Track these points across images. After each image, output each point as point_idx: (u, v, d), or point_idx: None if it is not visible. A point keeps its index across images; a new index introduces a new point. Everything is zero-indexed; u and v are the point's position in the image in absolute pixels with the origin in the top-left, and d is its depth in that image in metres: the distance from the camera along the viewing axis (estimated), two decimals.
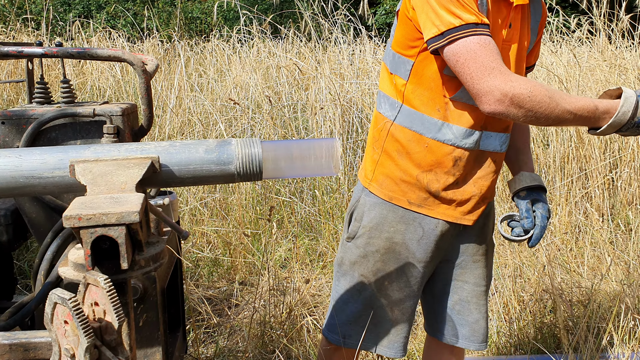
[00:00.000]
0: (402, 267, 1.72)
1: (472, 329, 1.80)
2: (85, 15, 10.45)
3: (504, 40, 1.58)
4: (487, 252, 1.81)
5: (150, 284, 1.38)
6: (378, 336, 1.77)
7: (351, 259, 1.76)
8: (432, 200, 1.68)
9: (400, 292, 1.74)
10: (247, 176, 1.15)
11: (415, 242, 1.70)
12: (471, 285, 1.78)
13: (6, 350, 0.94)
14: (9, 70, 5.64)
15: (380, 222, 1.71)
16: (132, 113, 1.60)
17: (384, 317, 1.76)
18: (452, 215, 1.70)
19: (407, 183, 1.68)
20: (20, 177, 1.05)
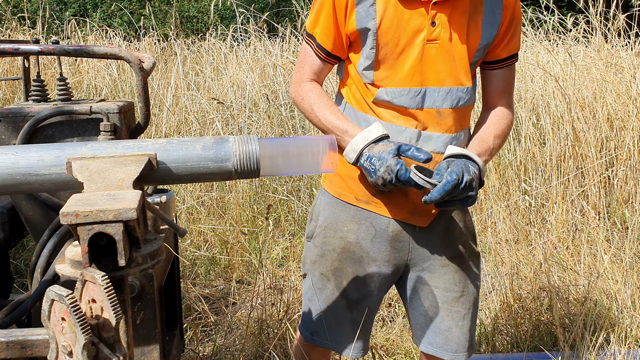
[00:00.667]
0: (358, 266, 1.72)
1: (445, 337, 1.74)
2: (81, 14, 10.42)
3: (428, 39, 1.56)
4: (457, 256, 1.74)
5: (148, 282, 1.38)
6: (340, 336, 1.78)
7: (312, 258, 1.79)
8: (378, 197, 1.68)
9: (357, 292, 1.74)
10: (244, 173, 1.15)
11: (369, 241, 1.70)
12: (441, 291, 1.72)
13: (3, 347, 0.94)
14: (5, 68, 5.62)
15: (333, 221, 1.73)
16: (129, 111, 1.60)
17: (344, 317, 1.77)
18: (400, 214, 1.68)
19: (354, 179, 1.69)
20: (17, 175, 1.04)
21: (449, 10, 1.56)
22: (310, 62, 1.70)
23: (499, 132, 1.68)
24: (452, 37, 1.57)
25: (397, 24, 1.55)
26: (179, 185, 4.06)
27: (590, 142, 4.40)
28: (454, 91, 1.60)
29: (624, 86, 4.91)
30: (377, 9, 1.55)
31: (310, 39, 1.68)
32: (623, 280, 2.92)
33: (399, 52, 1.57)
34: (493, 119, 1.70)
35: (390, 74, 1.59)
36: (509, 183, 4.32)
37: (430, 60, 1.57)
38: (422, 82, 1.58)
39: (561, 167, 4.39)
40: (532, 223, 4.03)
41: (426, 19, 1.55)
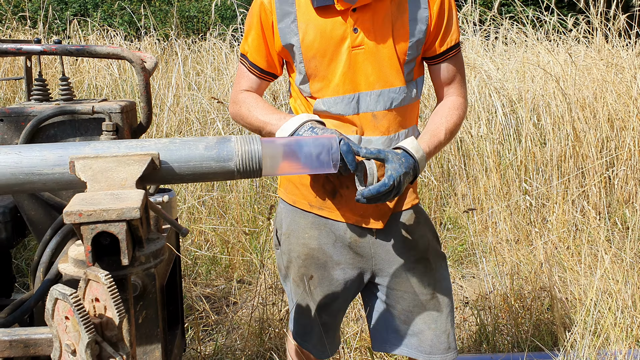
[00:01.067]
0: (323, 271, 1.74)
1: (419, 339, 1.75)
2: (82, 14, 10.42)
3: (353, 46, 1.58)
4: (421, 259, 1.73)
5: (150, 281, 1.39)
6: (313, 339, 1.82)
7: (283, 264, 1.83)
8: (329, 202, 1.70)
9: (325, 296, 1.76)
10: (246, 173, 1.15)
11: (331, 245, 1.72)
12: (411, 295, 1.72)
13: (6, 346, 0.94)
14: (6, 68, 5.63)
15: (295, 228, 1.76)
16: (131, 110, 1.60)
17: (314, 321, 1.80)
18: (352, 218, 1.69)
19: (305, 186, 1.72)
20: (20, 174, 1.05)
21: (370, 15, 1.58)
22: (247, 79, 1.74)
23: (450, 125, 1.66)
24: (378, 40, 1.59)
25: (320, 36, 1.59)
26: (180, 185, 4.07)
27: (590, 142, 4.40)
28: (385, 93, 1.62)
29: (624, 86, 4.91)
30: (299, 25, 1.60)
31: (244, 59, 1.73)
32: (624, 280, 2.92)
33: (327, 63, 1.60)
34: (444, 112, 1.69)
35: (323, 85, 1.62)
36: (510, 183, 4.32)
37: (358, 66, 1.60)
38: (354, 89, 1.61)
39: (562, 167, 4.39)
40: (533, 223, 4.03)
41: (347, 26, 1.58)
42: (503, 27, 6.35)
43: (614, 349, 2.49)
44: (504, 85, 5.13)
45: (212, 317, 3.02)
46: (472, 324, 3.00)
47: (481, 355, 2.67)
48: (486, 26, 6.44)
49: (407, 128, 1.68)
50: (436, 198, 4.29)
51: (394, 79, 1.62)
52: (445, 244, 3.94)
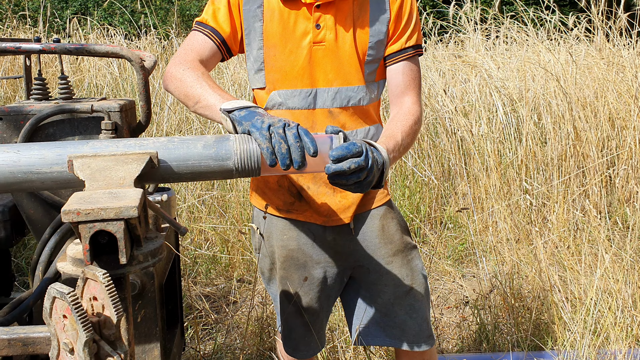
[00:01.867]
0: (303, 272, 1.75)
1: (402, 329, 1.77)
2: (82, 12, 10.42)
3: (314, 42, 1.58)
4: (398, 252, 1.75)
5: (149, 280, 1.38)
6: (294, 340, 1.84)
7: (265, 267, 1.83)
8: (296, 205, 1.70)
9: (306, 297, 1.77)
10: (245, 172, 1.15)
11: (310, 245, 1.73)
12: (391, 288, 1.75)
13: (5, 345, 0.94)
14: (6, 67, 5.63)
15: (272, 231, 1.76)
16: (130, 109, 1.60)
17: (295, 322, 1.81)
18: (319, 219, 1.71)
19: (273, 190, 1.73)
20: (19, 173, 1.05)
21: (333, 12, 1.58)
22: (201, 45, 1.60)
23: (406, 129, 1.57)
24: (339, 38, 1.60)
25: (283, 27, 1.59)
26: (180, 184, 4.07)
27: (591, 141, 4.40)
28: (342, 91, 1.62)
29: (625, 85, 4.90)
30: (264, 11, 1.59)
31: (200, 26, 1.62)
32: (624, 279, 2.92)
33: (287, 54, 1.60)
34: (399, 117, 1.62)
35: (280, 76, 1.61)
36: (510, 182, 4.32)
37: (318, 62, 1.60)
38: (312, 84, 1.61)
39: (562, 167, 4.39)
40: (533, 222, 4.03)
41: (310, 21, 1.58)
42: (504, 26, 6.34)
43: (614, 348, 2.48)
44: (504, 84, 5.13)
45: (212, 316, 3.02)
46: (472, 323, 3.00)
47: (481, 355, 2.67)
48: (487, 25, 6.43)
49: (364, 127, 1.67)
50: (436, 197, 4.29)
51: (352, 78, 1.62)
52: (445, 243, 3.94)
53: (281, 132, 1.17)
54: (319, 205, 1.69)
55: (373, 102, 1.68)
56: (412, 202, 4.23)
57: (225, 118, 1.31)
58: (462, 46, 6.54)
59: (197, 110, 1.46)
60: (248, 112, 1.25)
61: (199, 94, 1.44)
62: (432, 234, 4.00)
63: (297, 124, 1.21)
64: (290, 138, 1.16)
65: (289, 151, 1.16)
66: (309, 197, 1.69)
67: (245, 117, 1.24)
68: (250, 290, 3.35)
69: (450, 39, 6.69)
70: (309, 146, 1.17)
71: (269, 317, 2.79)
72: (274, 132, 1.17)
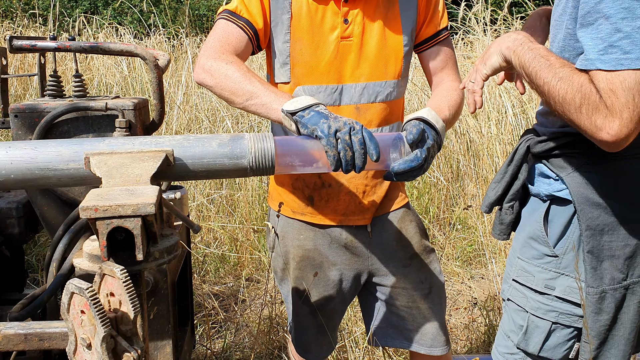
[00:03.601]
0: (319, 272, 1.74)
1: (421, 334, 1.77)
2: (92, 12, 10.47)
3: (342, 37, 1.56)
4: (416, 255, 1.75)
5: (162, 277, 1.39)
6: (306, 342, 1.83)
7: (278, 267, 1.82)
8: (310, 207, 1.69)
9: (320, 298, 1.76)
10: (259, 170, 1.15)
11: (327, 246, 1.72)
12: (409, 291, 1.74)
13: (21, 340, 0.95)
14: (16, 65, 5.66)
15: (289, 230, 1.74)
16: (144, 107, 1.61)
17: (309, 323, 1.80)
18: (336, 219, 1.68)
19: (286, 192, 1.72)
20: (36, 169, 1.06)
21: (362, 7, 1.56)
22: (236, 38, 1.52)
23: (451, 103, 1.57)
24: (367, 32, 1.58)
25: (311, 21, 1.56)
26: (189, 183, 4.08)
27: None
28: (370, 86, 1.60)
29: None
30: (292, 3, 1.56)
31: (232, 16, 1.54)
32: None
33: (314, 49, 1.57)
34: (442, 93, 1.62)
35: (305, 71, 1.58)
36: None
37: (345, 58, 1.58)
38: (338, 80, 1.58)
39: None
40: None
41: (338, 16, 1.56)
42: (514, 27, 6.32)
43: None
44: (514, 86, 5.11)
45: (221, 314, 3.02)
46: (480, 324, 2.99)
47: (490, 356, 2.66)
48: (497, 26, 6.42)
49: (391, 124, 1.65)
50: (445, 198, 4.28)
51: (380, 73, 1.60)
52: (454, 244, 3.93)
53: (347, 139, 1.20)
54: (337, 203, 1.67)
55: (400, 97, 1.67)
56: (421, 203, 4.22)
57: (287, 119, 1.32)
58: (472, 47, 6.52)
59: (248, 107, 1.43)
60: (313, 114, 1.27)
61: (250, 90, 1.41)
62: (441, 235, 4.00)
63: (362, 126, 1.23)
64: (356, 144, 1.20)
65: (353, 158, 1.20)
66: (326, 196, 1.66)
67: (310, 121, 1.25)
68: (258, 289, 3.36)
69: (459, 40, 6.68)
70: (372, 152, 1.22)
71: (278, 315, 2.79)
72: (340, 138, 1.20)
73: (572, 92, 1.13)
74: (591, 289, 1.27)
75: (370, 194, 1.67)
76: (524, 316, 1.38)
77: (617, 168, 1.26)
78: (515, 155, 1.40)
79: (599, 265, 1.27)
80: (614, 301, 1.28)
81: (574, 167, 1.29)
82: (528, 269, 1.37)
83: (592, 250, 1.27)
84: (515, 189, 1.41)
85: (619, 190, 1.26)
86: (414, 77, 5.24)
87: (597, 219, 1.26)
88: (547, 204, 1.34)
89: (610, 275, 1.27)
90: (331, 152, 1.20)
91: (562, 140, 1.31)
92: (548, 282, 1.33)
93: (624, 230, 1.26)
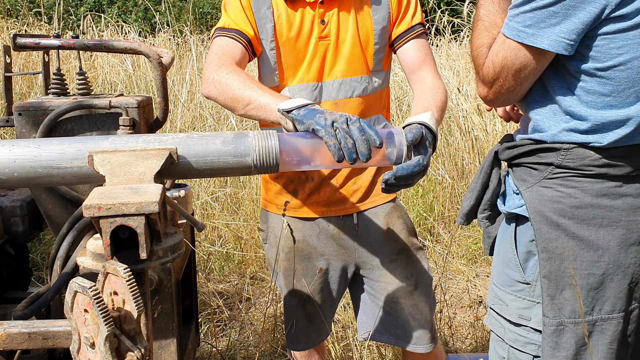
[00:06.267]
0: (307, 262, 1.78)
1: (405, 330, 1.78)
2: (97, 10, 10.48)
3: (320, 37, 1.63)
4: (403, 251, 1.76)
5: (166, 276, 1.39)
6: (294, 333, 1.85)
7: (272, 258, 1.87)
8: (295, 201, 1.75)
9: (309, 288, 1.79)
10: (263, 168, 1.15)
11: (315, 237, 1.77)
12: (395, 286, 1.76)
13: (25, 338, 0.95)
14: (20, 64, 5.67)
15: (278, 222, 1.81)
16: (148, 105, 1.60)
17: (297, 314, 1.83)
18: (318, 211, 1.74)
19: (272, 191, 1.78)
20: (40, 167, 1.05)
21: (336, 7, 1.63)
22: (232, 49, 1.59)
23: (439, 104, 1.58)
24: (342, 31, 1.64)
25: (290, 26, 1.63)
26: (193, 181, 4.08)
27: None
28: (346, 82, 1.66)
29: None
30: (274, 12, 1.63)
31: (225, 31, 1.61)
32: None
33: (296, 52, 1.64)
34: (429, 93, 1.62)
35: (290, 73, 1.66)
36: None
37: (324, 56, 1.65)
38: (318, 77, 1.65)
39: None
40: None
41: (315, 18, 1.63)
42: None
43: None
44: None
45: (226, 313, 3.02)
46: None
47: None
48: None
49: (370, 117, 1.70)
50: (450, 196, 4.27)
51: (356, 69, 1.66)
52: (459, 242, 3.92)
53: (345, 127, 1.19)
54: (319, 195, 1.72)
55: (378, 91, 1.71)
56: (425, 200, 4.21)
57: (283, 118, 1.33)
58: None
59: (248, 112, 1.47)
60: (308, 110, 1.27)
61: (249, 96, 1.44)
62: (445, 233, 3.99)
63: (358, 117, 1.23)
64: (355, 132, 1.18)
65: (355, 145, 1.18)
66: (311, 187, 1.72)
67: (306, 116, 1.25)
68: (263, 287, 3.36)
69: (464, 37, 6.66)
70: (374, 138, 1.19)
71: (283, 314, 2.79)
72: (339, 128, 1.19)
73: None
74: (547, 319, 1.16)
75: (351, 184, 1.73)
76: (504, 347, 1.28)
77: (582, 186, 1.14)
78: (485, 161, 1.32)
79: (559, 293, 1.15)
80: (575, 337, 1.15)
81: (534, 181, 1.19)
82: (502, 297, 1.26)
83: (548, 276, 1.15)
84: (487, 199, 1.32)
85: (582, 210, 1.14)
86: None
87: (555, 241, 1.14)
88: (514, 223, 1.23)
89: (572, 307, 1.14)
90: (331, 142, 1.18)
91: (527, 147, 1.20)
92: (522, 312, 1.22)
93: (588, 257, 1.13)
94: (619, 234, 1.14)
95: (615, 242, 1.14)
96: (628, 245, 1.15)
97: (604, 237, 1.14)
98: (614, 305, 1.16)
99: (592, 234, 1.14)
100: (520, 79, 1.14)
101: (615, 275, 1.15)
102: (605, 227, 1.14)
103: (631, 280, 1.16)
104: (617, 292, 1.15)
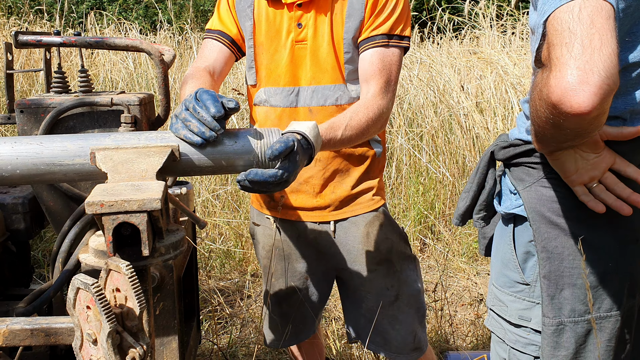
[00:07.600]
0: (286, 262, 1.79)
1: (384, 338, 1.77)
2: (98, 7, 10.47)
3: (296, 40, 1.60)
4: (384, 261, 1.72)
5: (167, 273, 1.39)
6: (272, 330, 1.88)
7: (258, 254, 1.90)
8: (273, 203, 1.75)
9: (287, 288, 1.81)
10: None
11: (295, 239, 1.77)
12: (374, 295, 1.74)
13: (28, 335, 0.95)
14: (22, 61, 5.67)
15: (262, 219, 1.83)
16: (149, 103, 1.60)
17: (275, 311, 1.85)
18: (294, 214, 1.73)
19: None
20: (42, 164, 1.05)
21: (313, 11, 1.59)
22: (210, 49, 1.67)
23: (354, 124, 1.46)
24: (318, 36, 1.60)
25: (269, 26, 1.62)
26: (194, 178, 4.08)
27: None
28: (319, 90, 1.61)
29: None
30: (254, 10, 1.63)
31: (209, 33, 1.69)
32: None
33: (272, 53, 1.63)
34: (353, 108, 1.52)
35: (266, 74, 1.65)
36: None
37: (300, 61, 1.62)
38: (295, 82, 1.62)
39: None
40: None
41: (292, 21, 1.60)
42: (520, 22, 6.29)
43: None
44: (520, 81, 5.09)
45: (227, 310, 3.03)
46: None
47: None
48: (503, 21, 6.39)
49: None
50: (451, 194, 4.27)
51: (329, 77, 1.61)
52: (460, 240, 3.92)
53: (184, 111, 1.08)
54: (294, 199, 1.72)
55: (353, 102, 1.62)
56: (426, 199, 4.21)
57: None
58: (478, 42, 6.49)
59: None
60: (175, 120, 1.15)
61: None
62: (446, 231, 3.99)
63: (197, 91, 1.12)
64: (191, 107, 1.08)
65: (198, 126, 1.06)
66: (286, 190, 1.71)
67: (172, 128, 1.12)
68: None
69: (465, 35, 6.65)
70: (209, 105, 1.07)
71: None
72: (178, 117, 1.09)
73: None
74: (547, 320, 1.15)
75: (328, 192, 1.69)
76: (504, 348, 1.27)
77: None
78: (481, 162, 1.30)
79: (558, 293, 1.14)
80: (574, 336, 1.14)
81: (533, 180, 1.17)
82: (502, 299, 1.25)
83: (548, 276, 1.14)
84: (483, 199, 1.31)
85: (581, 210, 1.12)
86: (420, 73, 5.23)
87: (554, 240, 1.13)
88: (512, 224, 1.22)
89: (571, 306, 1.14)
90: (181, 134, 1.07)
91: (523, 147, 1.19)
92: (522, 313, 1.21)
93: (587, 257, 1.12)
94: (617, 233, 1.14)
95: (613, 241, 1.14)
96: (626, 244, 1.15)
97: (603, 236, 1.14)
98: (613, 303, 1.16)
99: (591, 233, 1.13)
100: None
101: (613, 274, 1.15)
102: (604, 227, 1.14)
103: (629, 279, 1.16)
104: (616, 290, 1.15)
